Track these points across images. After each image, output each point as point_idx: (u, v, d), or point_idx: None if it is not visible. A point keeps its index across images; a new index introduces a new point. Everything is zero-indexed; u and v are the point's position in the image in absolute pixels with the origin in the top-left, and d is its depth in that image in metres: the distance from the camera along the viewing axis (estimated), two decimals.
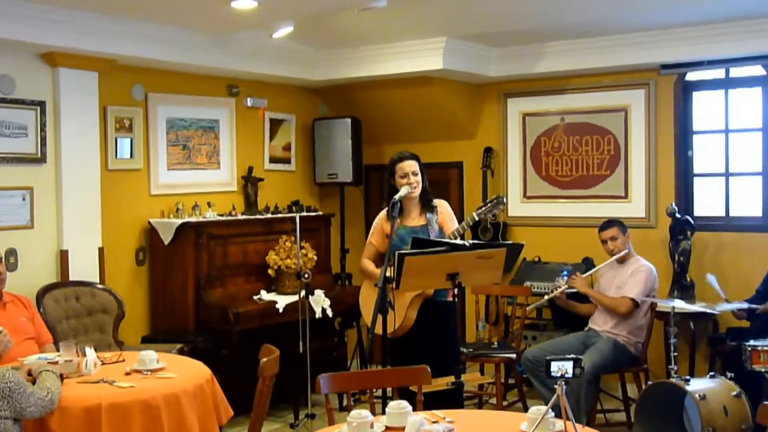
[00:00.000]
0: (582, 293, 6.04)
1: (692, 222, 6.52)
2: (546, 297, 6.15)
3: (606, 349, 5.73)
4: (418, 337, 5.05)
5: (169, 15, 5.78)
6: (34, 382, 3.57)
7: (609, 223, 6.08)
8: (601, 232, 6.06)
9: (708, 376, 5.10)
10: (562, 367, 2.96)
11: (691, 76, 6.84)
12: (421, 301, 5.03)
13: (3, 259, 4.78)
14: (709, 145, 6.90)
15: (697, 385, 4.86)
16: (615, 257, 5.95)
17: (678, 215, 6.50)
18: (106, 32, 5.69)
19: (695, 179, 6.95)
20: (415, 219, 5.20)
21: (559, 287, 6.08)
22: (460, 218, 5.57)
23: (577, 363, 2.99)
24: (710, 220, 6.77)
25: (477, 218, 5.14)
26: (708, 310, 5.76)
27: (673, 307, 5.34)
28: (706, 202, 6.91)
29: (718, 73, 6.76)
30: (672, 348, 5.27)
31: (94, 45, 5.66)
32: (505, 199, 5.24)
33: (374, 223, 5.38)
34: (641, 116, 6.94)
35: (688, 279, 6.48)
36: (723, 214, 6.77)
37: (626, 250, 5.94)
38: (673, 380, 4.97)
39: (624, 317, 5.80)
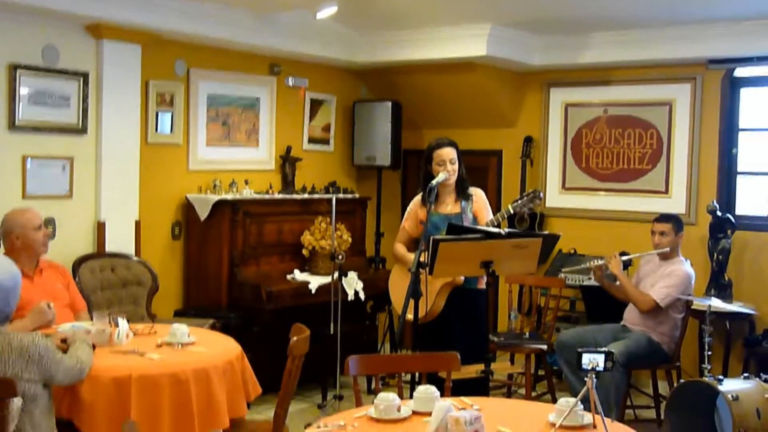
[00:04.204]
0: (614, 274, 5.93)
1: (733, 220, 6.42)
2: (581, 266, 6.05)
3: (640, 341, 5.66)
4: (446, 323, 5.04)
5: None
6: (67, 351, 3.60)
7: (666, 217, 5.91)
8: (654, 223, 5.91)
9: (742, 377, 5.01)
10: (594, 360, 2.94)
11: (740, 72, 6.72)
12: (450, 289, 5.01)
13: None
14: (756, 143, 6.78)
15: (730, 386, 4.75)
16: (655, 252, 5.84)
17: (719, 213, 6.40)
18: (152, 6, 5.71)
19: (739, 177, 6.83)
20: (449, 206, 5.17)
21: (596, 262, 5.97)
22: (497, 207, 5.53)
23: (608, 356, 2.96)
24: (752, 220, 6.66)
25: (512, 211, 5.14)
26: (744, 310, 5.67)
27: (710, 306, 5.25)
28: (750, 200, 6.79)
29: None
30: (706, 347, 5.20)
31: (139, 18, 5.68)
32: (541, 194, 5.20)
33: (408, 209, 5.36)
34: (686, 111, 6.82)
35: (726, 278, 6.37)
36: (766, 213, 6.65)
37: (668, 249, 5.80)
38: (706, 379, 4.87)
39: (651, 314, 5.71)
